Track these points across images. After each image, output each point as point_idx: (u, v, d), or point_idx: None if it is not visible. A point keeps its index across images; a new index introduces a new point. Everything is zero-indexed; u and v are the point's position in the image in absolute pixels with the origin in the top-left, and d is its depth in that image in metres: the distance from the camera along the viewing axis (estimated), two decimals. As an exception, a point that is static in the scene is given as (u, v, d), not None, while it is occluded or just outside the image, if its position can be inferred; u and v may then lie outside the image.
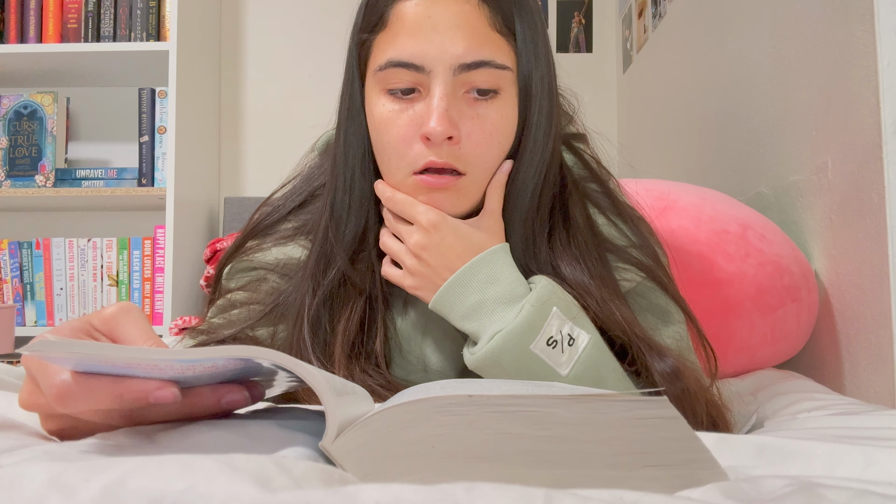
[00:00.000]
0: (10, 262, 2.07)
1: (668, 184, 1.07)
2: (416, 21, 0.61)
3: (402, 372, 0.69)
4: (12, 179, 2.01)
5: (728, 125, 1.38)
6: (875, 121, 0.87)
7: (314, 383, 0.38)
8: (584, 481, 0.36)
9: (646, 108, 1.99)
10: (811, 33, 1.03)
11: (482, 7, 0.62)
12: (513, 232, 0.66)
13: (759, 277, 0.95)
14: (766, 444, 0.44)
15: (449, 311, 0.63)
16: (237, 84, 2.33)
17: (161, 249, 2.02)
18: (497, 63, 0.62)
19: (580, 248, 0.67)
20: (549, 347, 0.60)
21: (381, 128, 0.64)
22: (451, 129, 0.61)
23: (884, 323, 0.86)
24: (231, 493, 0.27)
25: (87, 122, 2.25)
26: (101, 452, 0.38)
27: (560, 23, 2.34)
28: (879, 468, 0.40)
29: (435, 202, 0.64)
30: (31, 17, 2.02)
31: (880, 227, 0.86)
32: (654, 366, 0.62)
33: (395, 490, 0.27)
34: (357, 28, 0.66)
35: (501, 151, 0.65)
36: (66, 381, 0.37)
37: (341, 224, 0.67)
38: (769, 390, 0.86)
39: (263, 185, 2.28)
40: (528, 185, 0.66)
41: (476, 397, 0.37)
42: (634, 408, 0.37)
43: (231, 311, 0.71)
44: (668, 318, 0.69)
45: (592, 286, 0.64)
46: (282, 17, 2.33)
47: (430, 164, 0.62)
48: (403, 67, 0.61)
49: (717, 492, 0.34)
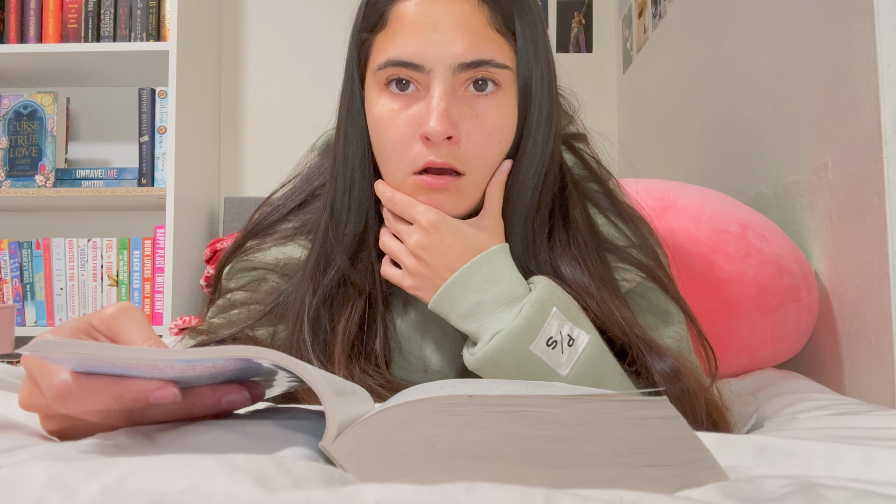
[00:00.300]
0: (10, 262, 2.07)
1: (668, 184, 1.07)
2: (416, 20, 0.61)
3: (402, 372, 0.69)
4: (12, 179, 2.01)
5: (728, 125, 1.38)
6: (875, 121, 0.87)
7: (314, 383, 0.38)
8: (584, 481, 0.36)
9: (646, 108, 1.99)
10: (811, 33, 1.03)
11: (482, 7, 0.62)
12: (513, 232, 0.66)
13: (759, 277, 0.95)
14: (766, 444, 0.44)
15: (448, 311, 0.63)
16: (237, 84, 2.33)
17: (161, 249, 2.02)
18: (497, 62, 0.62)
19: (580, 248, 0.67)
20: (548, 348, 0.59)
21: (381, 127, 0.63)
22: (451, 128, 0.61)
23: (884, 323, 0.86)
24: (231, 493, 0.27)
25: (87, 122, 2.25)
26: (101, 452, 0.38)
27: (560, 23, 2.34)
28: (879, 468, 0.40)
29: (435, 203, 0.64)
30: (31, 17, 2.02)
31: (880, 227, 0.86)
32: (653, 366, 0.62)
33: (394, 490, 0.27)
34: (357, 28, 0.66)
35: (501, 151, 0.65)
36: (66, 381, 0.37)
37: (341, 224, 0.67)
38: (769, 390, 0.86)
39: (263, 185, 2.28)
40: (528, 185, 0.66)
41: (476, 397, 0.37)
42: (634, 408, 0.37)
43: (231, 311, 0.71)
44: (668, 319, 0.69)
45: (592, 286, 0.64)
46: (282, 17, 2.34)
47: (430, 164, 0.62)
48: (403, 67, 0.61)
49: (717, 492, 0.34)
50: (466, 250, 0.63)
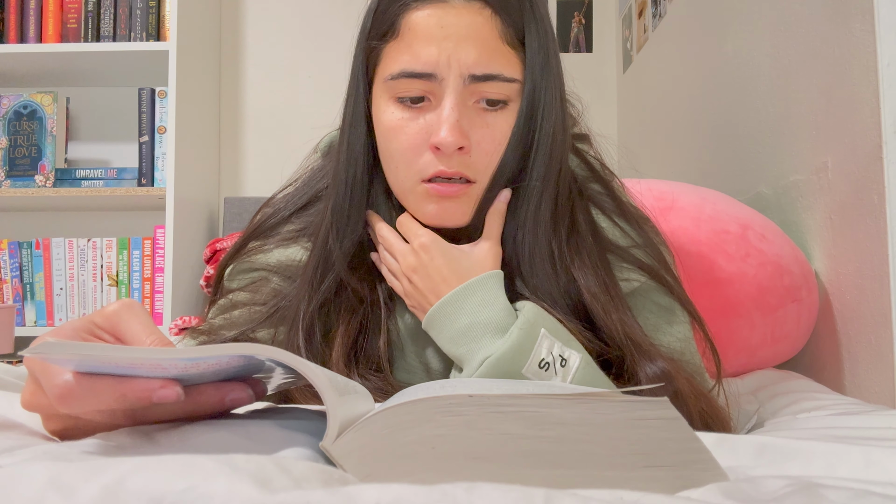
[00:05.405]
0: (9, 262, 2.07)
1: (669, 184, 1.07)
2: (428, 31, 0.61)
3: (404, 375, 0.69)
4: (12, 179, 2.01)
5: (728, 125, 1.38)
6: (875, 121, 0.87)
7: (317, 382, 0.38)
8: (584, 481, 0.36)
9: (646, 108, 1.99)
10: (811, 33, 1.03)
11: (494, 19, 0.62)
12: (535, 253, 0.65)
13: (759, 277, 0.95)
14: (766, 444, 0.44)
15: (438, 333, 0.63)
16: (237, 84, 2.33)
17: (161, 249, 2.02)
18: (506, 76, 0.62)
19: (586, 251, 0.67)
20: (541, 370, 0.59)
21: (390, 135, 0.63)
22: (462, 139, 0.61)
23: (884, 323, 0.86)
24: (231, 493, 0.27)
25: (86, 122, 2.25)
26: (101, 452, 0.38)
27: (560, 23, 2.34)
28: (879, 468, 0.40)
29: (445, 210, 0.64)
30: (31, 17, 2.02)
31: (880, 227, 0.86)
32: (641, 371, 0.62)
33: (394, 490, 0.27)
34: (365, 34, 0.65)
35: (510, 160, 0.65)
36: (69, 381, 0.37)
37: (341, 230, 0.67)
38: (769, 390, 0.86)
39: (263, 185, 2.28)
40: (542, 197, 0.65)
41: (476, 397, 0.37)
42: (634, 408, 0.37)
43: (232, 312, 0.71)
44: (672, 319, 0.69)
45: (599, 290, 0.64)
46: (282, 17, 2.33)
47: (441, 174, 0.62)
48: (416, 78, 0.61)
49: (717, 492, 0.34)
50: (453, 274, 0.63)
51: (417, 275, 0.64)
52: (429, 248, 0.64)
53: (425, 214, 0.65)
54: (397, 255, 0.65)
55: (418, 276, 0.64)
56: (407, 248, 0.65)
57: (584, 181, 0.72)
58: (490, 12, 0.62)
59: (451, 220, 0.65)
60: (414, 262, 0.64)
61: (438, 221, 0.65)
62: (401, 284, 0.66)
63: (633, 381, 0.62)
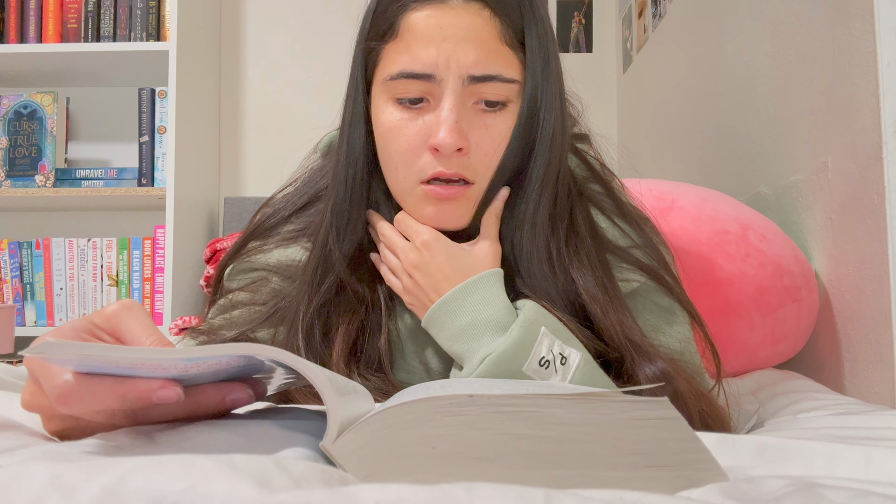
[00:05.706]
0: (10, 262, 2.07)
1: (669, 184, 1.07)
2: (428, 32, 0.61)
3: (404, 375, 0.69)
4: (12, 179, 2.01)
5: (728, 125, 1.38)
6: (875, 121, 0.87)
7: (317, 382, 0.38)
8: (584, 481, 0.36)
9: (646, 108, 1.99)
10: (811, 33, 1.03)
11: (493, 20, 0.62)
12: (532, 256, 0.65)
13: (759, 278, 0.95)
14: (766, 444, 0.44)
15: (438, 330, 0.63)
16: (237, 84, 2.33)
17: (161, 249, 2.02)
18: (505, 77, 0.62)
19: (585, 252, 0.67)
20: (541, 368, 0.59)
21: (389, 136, 0.63)
22: (461, 140, 0.61)
23: (884, 323, 0.86)
24: (231, 493, 0.27)
25: (86, 122, 2.25)
26: (101, 452, 0.38)
27: (560, 23, 2.34)
28: (879, 468, 0.40)
29: (444, 212, 0.64)
30: (31, 17, 2.02)
31: (880, 227, 0.86)
32: (640, 371, 0.62)
33: (395, 490, 0.27)
34: (364, 35, 0.65)
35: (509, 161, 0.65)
36: (69, 381, 0.37)
37: (341, 231, 0.67)
38: (769, 390, 0.86)
39: (263, 185, 2.28)
40: (541, 201, 0.65)
41: (476, 397, 0.37)
42: (635, 409, 0.37)
43: (232, 312, 0.71)
44: (672, 319, 0.69)
45: (599, 291, 0.64)
46: (282, 17, 2.33)
47: (439, 175, 0.62)
48: (415, 79, 0.61)
49: (717, 492, 0.34)
50: (454, 272, 0.63)
51: (419, 271, 0.64)
52: (431, 246, 0.64)
53: (424, 216, 0.65)
54: (399, 252, 0.65)
55: (420, 273, 0.64)
56: (409, 245, 0.65)
57: (583, 181, 0.72)
58: (489, 13, 0.62)
59: (450, 223, 0.65)
60: (416, 258, 0.64)
61: (437, 224, 0.65)
62: (400, 282, 0.66)
63: (632, 381, 0.62)
